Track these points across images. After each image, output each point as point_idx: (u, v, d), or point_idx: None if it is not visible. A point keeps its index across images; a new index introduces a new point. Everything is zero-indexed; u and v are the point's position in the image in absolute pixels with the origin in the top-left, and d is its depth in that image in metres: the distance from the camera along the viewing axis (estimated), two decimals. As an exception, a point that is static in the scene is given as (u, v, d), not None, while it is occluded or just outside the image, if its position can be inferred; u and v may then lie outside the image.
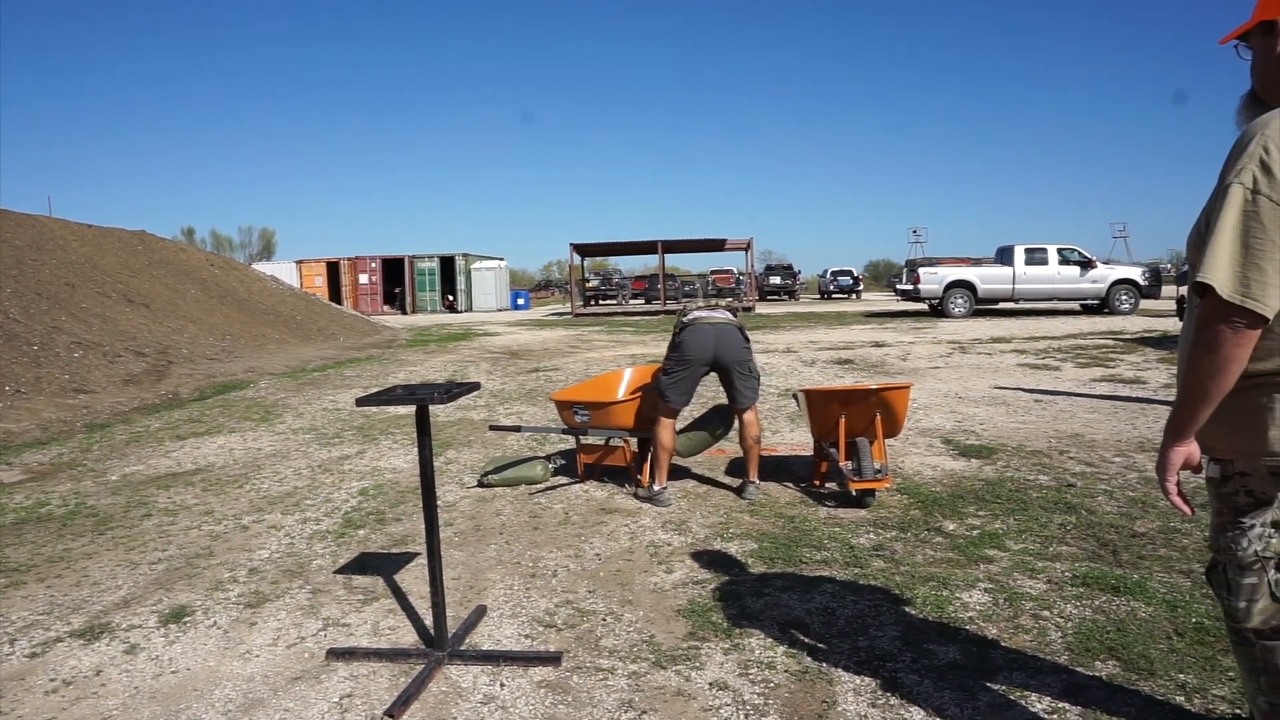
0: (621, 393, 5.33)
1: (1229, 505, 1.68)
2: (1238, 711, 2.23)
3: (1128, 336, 13.78)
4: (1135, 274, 20.71)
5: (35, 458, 6.46)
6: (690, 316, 4.67)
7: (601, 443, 4.99)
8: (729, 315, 4.70)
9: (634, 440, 4.95)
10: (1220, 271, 1.48)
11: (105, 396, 9.22)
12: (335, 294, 37.93)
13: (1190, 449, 1.64)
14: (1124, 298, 20.35)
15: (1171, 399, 7.09)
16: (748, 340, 4.67)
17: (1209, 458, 1.73)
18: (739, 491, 4.68)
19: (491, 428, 5.19)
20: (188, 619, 3.21)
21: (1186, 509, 1.68)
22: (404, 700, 2.47)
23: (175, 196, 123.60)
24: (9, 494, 5.30)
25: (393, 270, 39.76)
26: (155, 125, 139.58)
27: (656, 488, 4.61)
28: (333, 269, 39.42)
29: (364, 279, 39.05)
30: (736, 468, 5.33)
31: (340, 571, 3.69)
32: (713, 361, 4.58)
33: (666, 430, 4.64)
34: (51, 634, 3.11)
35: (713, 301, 4.90)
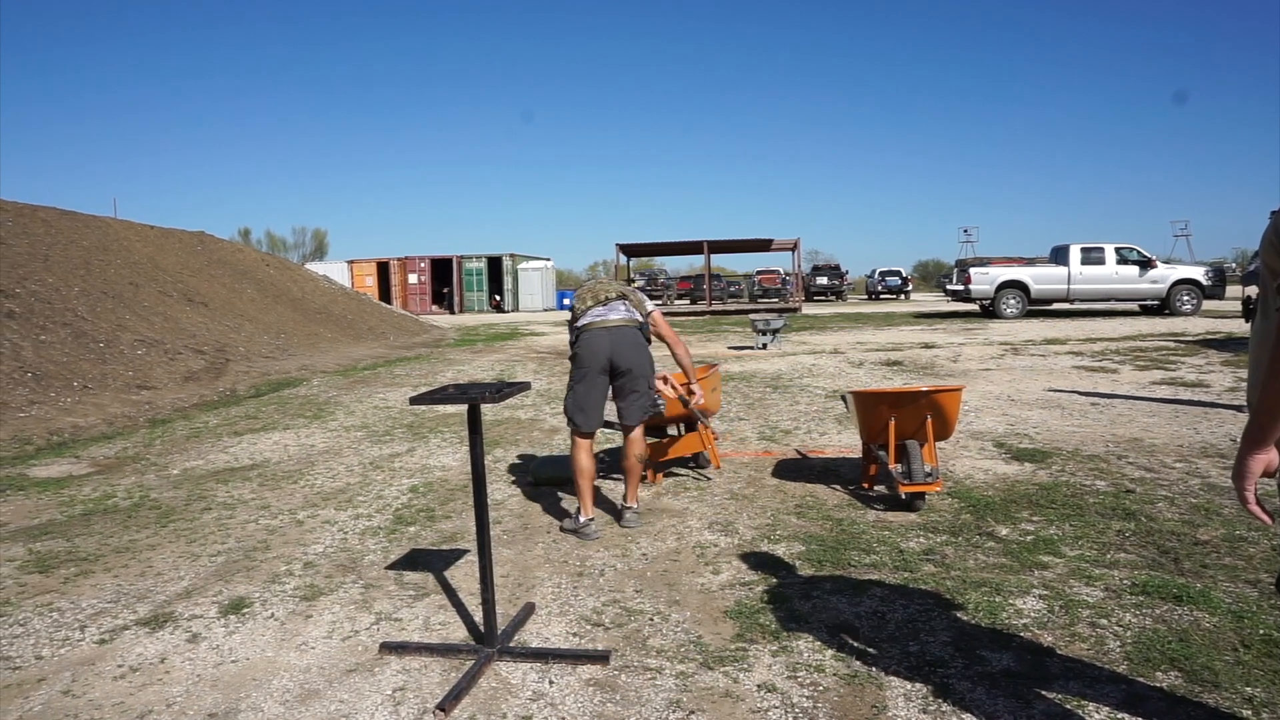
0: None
1: (1302, 514, 1.62)
2: (1308, 727, 2.15)
3: (1189, 338, 13.37)
4: (1198, 274, 20.07)
5: (101, 451, 6.69)
6: (583, 321, 4.14)
7: (671, 436, 5.01)
8: (628, 314, 4.14)
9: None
10: None
11: (167, 393, 9.51)
12: (385, 294, 38.58)
13: (1270, 455, 1.57)
14: (1185, 298, 19.73)
15: (1237, 403, 6.85)
16: (648, 341, 4.19)
17: None
18: (617, 518, 4.29)
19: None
20: (246, 610, 3.30)
21: (1265, 518, 1.61)
22: (455, 695, 2.51)
23: (232, 198, 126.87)
24: (78, 486, 5.50)
25: (441, 270, 40.31)
26: (214, 128, 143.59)
27: (583, 519, 4.10)
28: (383, 269, 40.09)
29: (413, 279, 39.64)
30: (782, 469, 5.30)
31: (392, 567, 3.76)
32: (610, 368, 4.08)
33: (583, 453, 4.14)
34: (119, 622, 3.22)
35: (608, 296, 4.18)
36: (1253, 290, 12.01)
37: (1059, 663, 2.61)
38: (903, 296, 41.64)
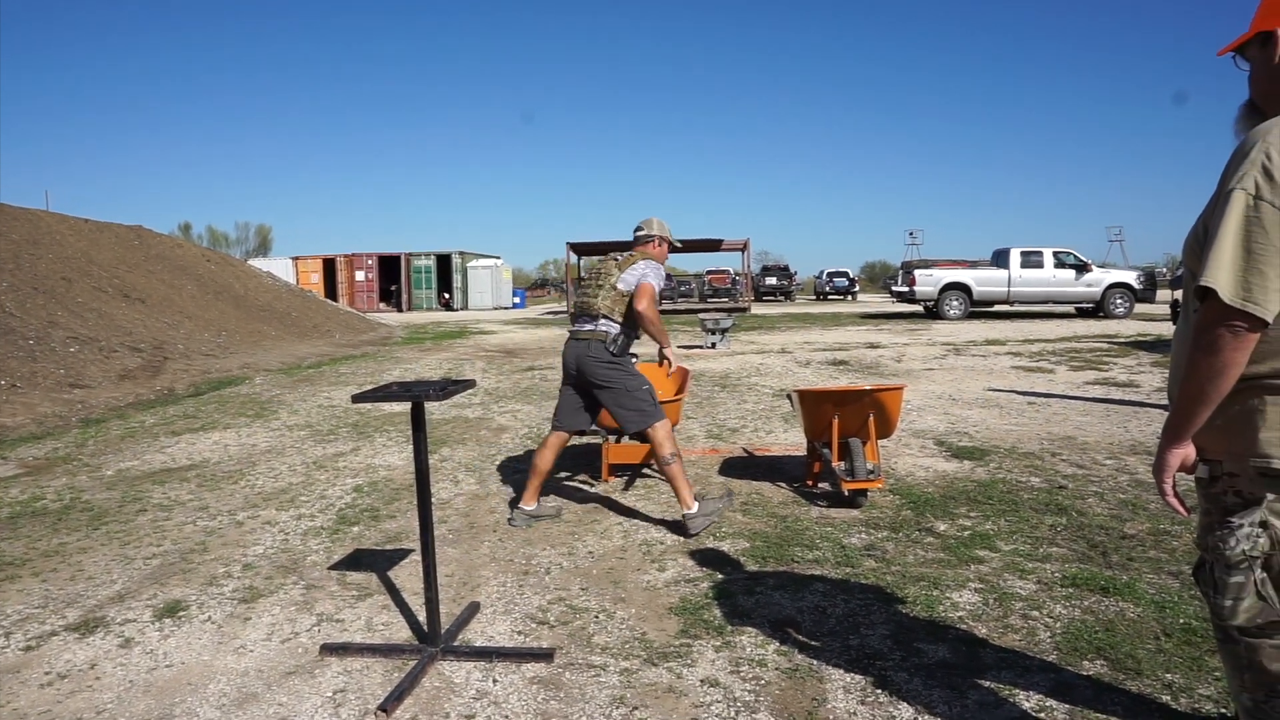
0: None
1: (1217, 505, 1.70)
2: (1223, 711, 2.25)
3: (1122, 340, 13.83)
4: (1130, 278, 20.81)
5: (30, 452, 6.45)
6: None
7: (639, 443, 4.99)
8: (594, 327, 4.07)
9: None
10: (1223, 275, 1.49)
11: (101, 391, 9.21)
12: (331, 291, 37.89)
13: (1187, 450, 1.65)
14: (1119, 301, 20.43)
15: (1165, 402, 7.15)
16: (615, 357, 4.02)
17: (1199, 459, 1.75)
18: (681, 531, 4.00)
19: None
20: (182, 614, 3.22)
21: (1182, 510, 1.69)
22: (397, 695, 2.48)
23: (172, 192, 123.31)
24: (4, 488, 5.30)
25: (389, 268, 39.75)
26: (152, 120, 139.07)
27: (528, 507, 4.23)
28: (329, 266, 39.38)
29: (360, 276, 39.02)
30: (728, 467, 5.35)
31: (334, 567, 3.70)
32: (577, 379, 4.12)
33: (545, 448, 4.24)
34: (46, 628, 3.12)
35: (590, 307, 4.11)
36: (1180, 294, 12.48)
37: (992, 653, 2.69)
38: (850, 297, 42.29)
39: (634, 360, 4.21)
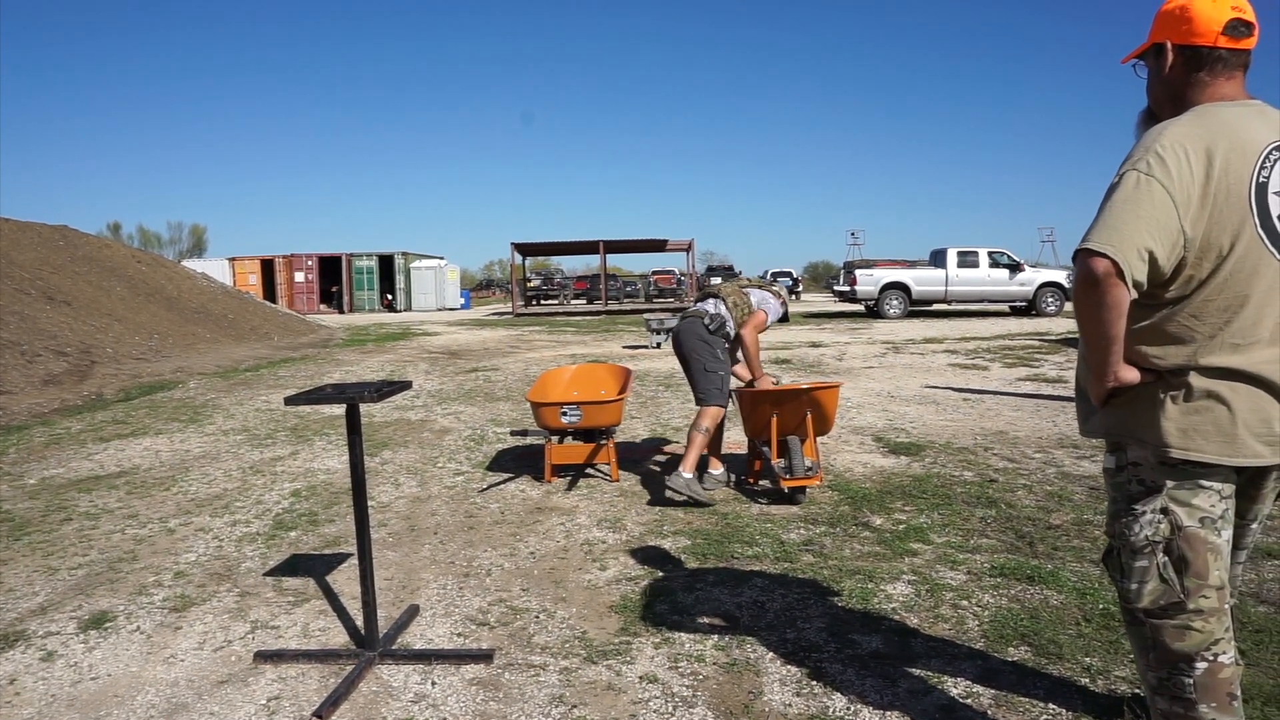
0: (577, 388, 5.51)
1: (1123, 493, 1.79)
2: (1135, 690, 2.36)
3: (1052, 337, 14.29)
4: (1061, 277, 21.49)
5: (-54, 461, 6.18)
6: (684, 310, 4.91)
7: (583, 443, 5.03)
8: (702, 305, 4.73)
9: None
10: (1094, 233, 1.61)
11: (23, 397, 8.87)
12: (270, 292, 37.01)
13: (1126, 375, 1.71)
14: (1050, 300, 21.10)
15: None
16: (710, 334, 4.58)
17: (1105, 450, 1.84)
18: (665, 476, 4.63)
19: (512, 433, 5.42)
20: (109, 624, 3.13)
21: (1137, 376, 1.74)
22: (333, 701, 2.45)
23: (100, 191, 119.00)
24: (-83, 499, 5.07)
25: (330, 268, 38.97)
26: (78, 115, 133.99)
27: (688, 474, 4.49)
28: (267, 267, 38.45)
29: (300, 277, 38.18)
30: (671, 466, 5.38)
31: (270, 574, 3.63)
32: (679, 354, 4.74)
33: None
34: (-38, 643, 3.00)
35: (710, 293, 4.83)
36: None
37: (923, 642, 2.77)
38: (793, 297, 42.84)
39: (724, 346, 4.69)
